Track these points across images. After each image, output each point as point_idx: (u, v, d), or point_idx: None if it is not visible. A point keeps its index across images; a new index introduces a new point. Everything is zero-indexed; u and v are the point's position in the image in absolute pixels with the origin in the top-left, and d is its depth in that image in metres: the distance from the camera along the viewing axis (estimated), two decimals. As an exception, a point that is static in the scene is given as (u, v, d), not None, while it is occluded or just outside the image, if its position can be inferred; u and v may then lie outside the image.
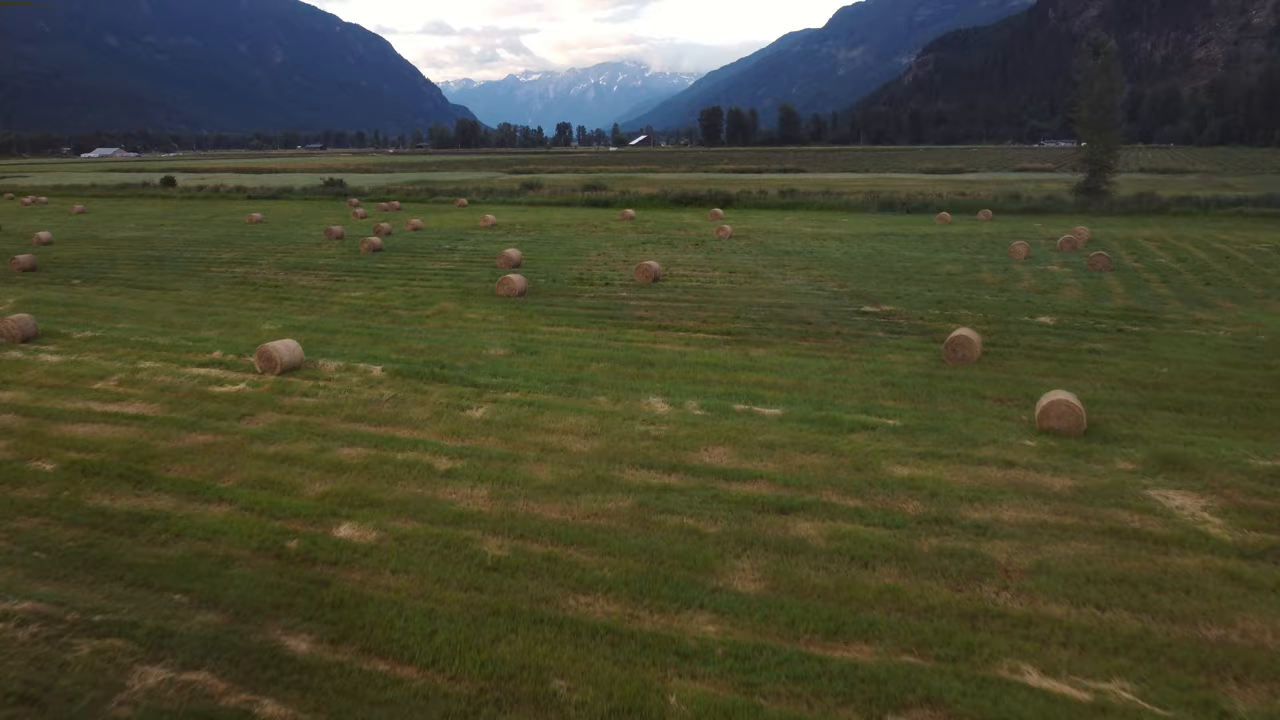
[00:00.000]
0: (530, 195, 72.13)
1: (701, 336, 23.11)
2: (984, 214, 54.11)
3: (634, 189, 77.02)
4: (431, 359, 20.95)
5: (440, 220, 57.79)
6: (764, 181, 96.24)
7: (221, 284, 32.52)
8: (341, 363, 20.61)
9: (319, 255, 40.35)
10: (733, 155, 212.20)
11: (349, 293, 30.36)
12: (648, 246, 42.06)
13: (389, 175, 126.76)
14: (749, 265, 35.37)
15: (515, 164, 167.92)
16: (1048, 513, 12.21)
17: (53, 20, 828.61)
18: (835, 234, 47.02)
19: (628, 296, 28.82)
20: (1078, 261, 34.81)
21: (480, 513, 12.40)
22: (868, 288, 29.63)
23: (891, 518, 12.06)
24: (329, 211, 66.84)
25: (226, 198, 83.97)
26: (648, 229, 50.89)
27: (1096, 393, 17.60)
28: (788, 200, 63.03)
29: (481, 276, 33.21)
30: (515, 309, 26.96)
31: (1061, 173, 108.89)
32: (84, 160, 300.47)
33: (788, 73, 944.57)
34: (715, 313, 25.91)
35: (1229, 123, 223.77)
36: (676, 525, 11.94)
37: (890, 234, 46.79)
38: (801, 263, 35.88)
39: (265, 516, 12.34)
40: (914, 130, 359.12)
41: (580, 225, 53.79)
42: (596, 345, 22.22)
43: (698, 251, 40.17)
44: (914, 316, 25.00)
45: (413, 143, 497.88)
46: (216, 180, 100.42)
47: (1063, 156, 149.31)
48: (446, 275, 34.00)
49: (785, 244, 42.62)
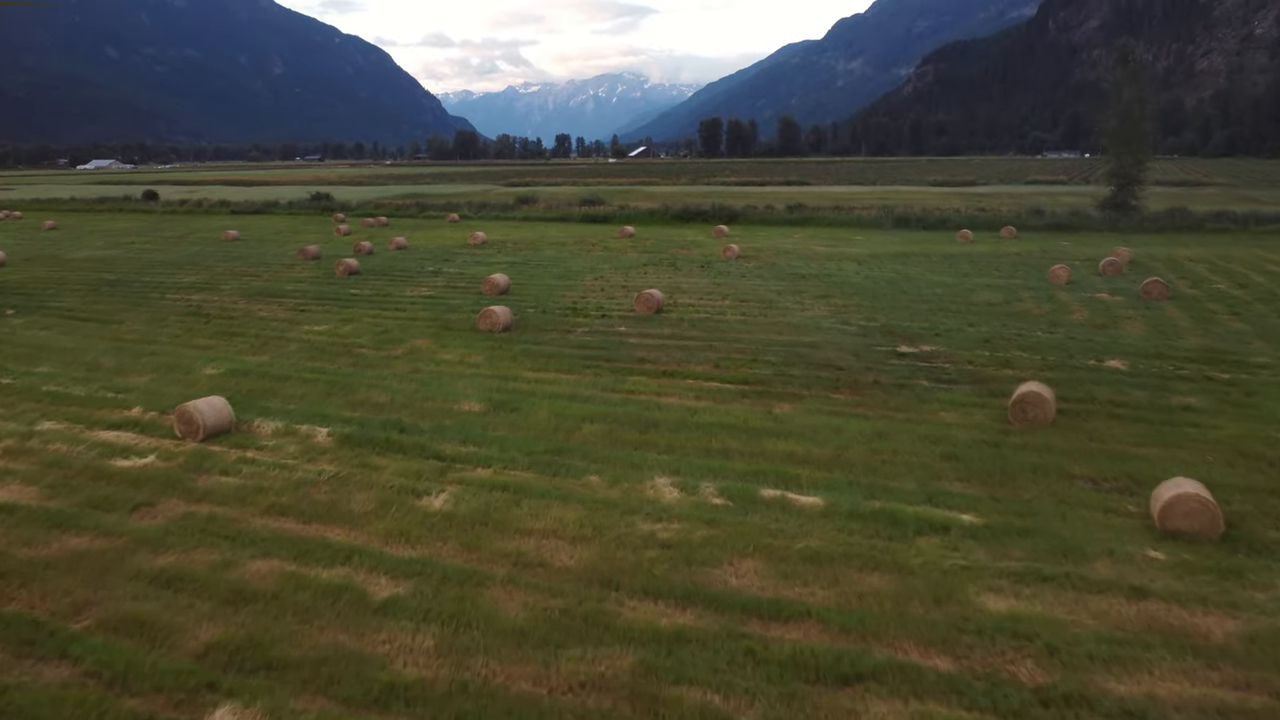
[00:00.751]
0: (525, 210, 68.82)
1: (715, 386, 19.57)
2: (1007, 231, 50.76)
3: (633, 203, 73.77)
4: (391, 417, 17.43)
5: (428, 238, 54.39)
6: (768, 195, 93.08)
7: (172, 315, 29.00)
8: (282, 423, 17.07)
9: (288, 279, 36.87)
10: (733, 167, 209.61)
11: (312, 326, 26.85)
12: (649, 269, 38.61)
13: (381, 188, 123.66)
14: (762, 292, 31.90)
15: (512, 176, 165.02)
16: (1219, 684, 8.64)
17: (53, 32, 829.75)
18: (851, 254, 43.61)
19: (627, 332, 25.33)
20: (1128, 288, 31.35)
21: (420, 682, 8.81)
22: (899, 321, 26.14)
23: (1002, 694, 8.48)
24: (312, 227, 63.48)
25: (209, 212, 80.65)
26: (649, 248, 47.48)
27: (1213, 472, 14.04)
28: (796, 216, 59.70)
29: (463, 306, 29.70)
30: (497, 348, 23.45)
31: (1074, 185, 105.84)
32: (79, 172, 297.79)
33: (786, 84, 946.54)
34: (728, 353, 22.40)
35: (1235, 134, 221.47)
36: (695, 706, 8.37)
37: (911, 254, 43.38)
38: (820, 289, 32.41)
39: (116, 689, 8.74)
40: (915, 141, 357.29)
41: (576, 244, 50.40)
42: (590, 398, 18.69)
43: (704, 275, 36.71)
44: (960, 359, 21.49)
45: (411, 154, 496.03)
46: (200, 194, 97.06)
47: (1072, 168, 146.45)
48: (425, 304, 30.49)
49: (799, 266, 39.17)
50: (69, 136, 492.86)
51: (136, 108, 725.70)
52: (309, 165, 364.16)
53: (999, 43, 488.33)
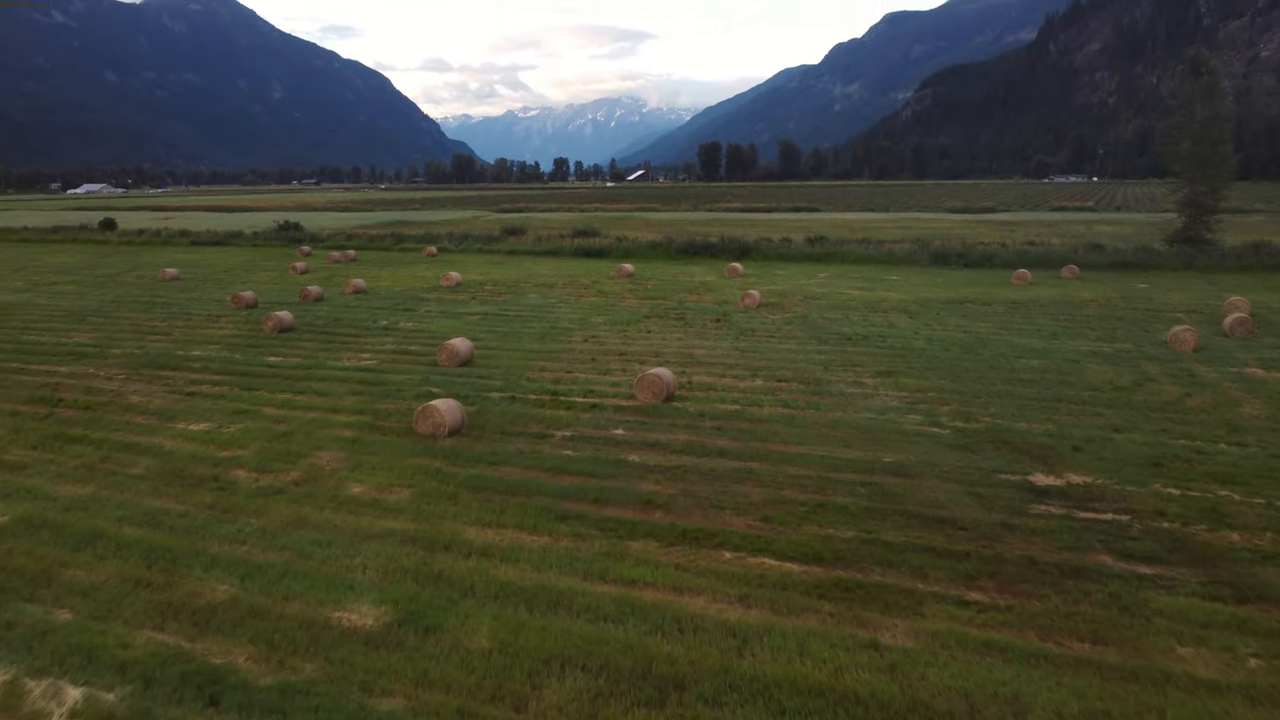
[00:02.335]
0: (511, 243, 61.58)
1: (768, 568, 12.02)
2: (1068, 271, 43.54)
3: (632, 233, 66.67)
4: (214, 648, 9.91)
5: (394, 277, 47.09)
6: (778, 223, 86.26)
7: (8, 402, 21.47)
8: (13, 671, 9.54)
9: (200, 339, 29.40)
10: (735, 191, 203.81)
11: (189, 424, 19.34)
12: (652, 325, 31.21)
13: (365, 215, 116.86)
14: (803, 364, 24.45)
15: (505, 201, 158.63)
16: None
17: (53, 57, 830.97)
18: (894, 301, 36.31)
19: (626, 439, 17.82)
20: (1276, 358, 23.96)
21: None
22: (1007, 419, 18.66)
23: None
24: (271, 262, 56.25)
25: (166, 243, 73.49)
26: (651, 291, 40.15)
27: None
28: (817, 250, 52.50)
29: (406, 388, 22.22)
30: (436, 474, 15.93)
31: (1104, 211, 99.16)
32: (67, 196, 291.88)
33: (784, 108, 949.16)
34: (779, 488, 14.89)
35: (1250, 157, 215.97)
36: None
37: (967, 301, 36.10)
38: (877, 358, 24.98)
39: None
40: (917, 164, 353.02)
41: (566, 285, 43.10)
42: (563, 601, 11.16)
43: (723, 334, 29.29)
44: (1141, 507, 13.93)
45: (408, 178, 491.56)
46: (163, 223, 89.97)
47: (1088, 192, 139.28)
48: (358, 383, 23.01)
49: (838, 319, 31.81)
50: (67, 161, 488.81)
51: (135, 132, 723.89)
52: (303, 189, 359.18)
53: (998, 66, 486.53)
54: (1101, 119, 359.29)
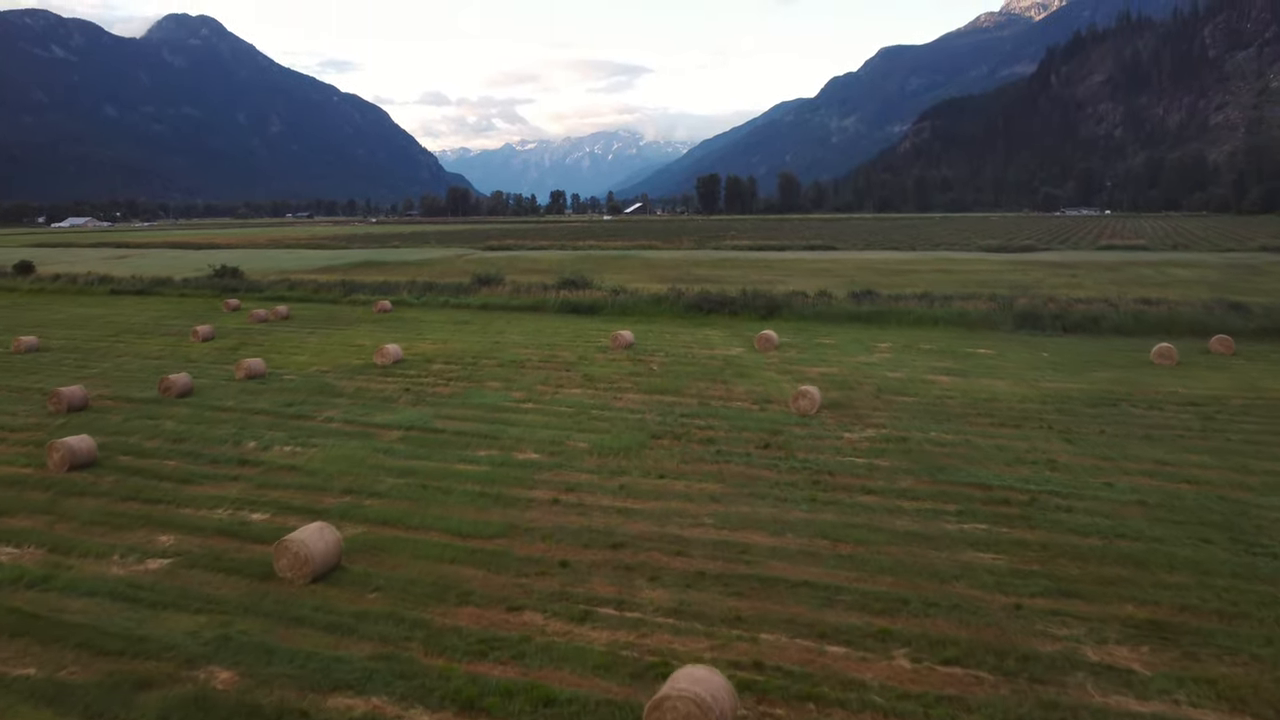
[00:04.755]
0: (484, 294, 50.37)
1: None
2: (1219, 343, 32.44)
3: (631, 282, 55.61)
4: None
5: (319, 348, 35.77)
6: (793, 264, 75.55)
7: None
8: None
9: (-81, 493, 17.90)
10: (737, 225, 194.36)
11: None
12: (666, 457, 19.72)
13: (334, 253, 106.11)
14: (959, 584, 12.98)
15: (495, 236, 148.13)
16: None
17: (52, 91, 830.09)
18: (1009, 396, 24.98)
19: None
20: None
21: None
22: None
23: None
24: (181, 320, 44.99)
25: (82, 291, 62.32)
26: (660, 382, 28.66)
27: None
28: (866, 309, 41.30)
29: (169, 654, 10.67)
30: None
31: (1160, 250, 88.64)
32: (51, 230, 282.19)
33: (781, 140, 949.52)
34: None
35: (1272, 189, 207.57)
36: None
37: (1118, 399, 24.81)
38: (1081, 559, 13.53)
39: None
40: (920, 197, 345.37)
41: (543, 362, 31.82)
42: None
43: (785, 484, 17.76)
44: None
45: (403, 210, 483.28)
46: (88, 267, 78.88)
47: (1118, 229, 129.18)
48: (79, 645, 11.49)
49: (952, 442, 20.37)
50: (64, 194, 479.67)
51: (134, 166, 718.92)
52: (294, 222, 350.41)
53: (998, 99, 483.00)
54: (1108, 151, 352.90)
